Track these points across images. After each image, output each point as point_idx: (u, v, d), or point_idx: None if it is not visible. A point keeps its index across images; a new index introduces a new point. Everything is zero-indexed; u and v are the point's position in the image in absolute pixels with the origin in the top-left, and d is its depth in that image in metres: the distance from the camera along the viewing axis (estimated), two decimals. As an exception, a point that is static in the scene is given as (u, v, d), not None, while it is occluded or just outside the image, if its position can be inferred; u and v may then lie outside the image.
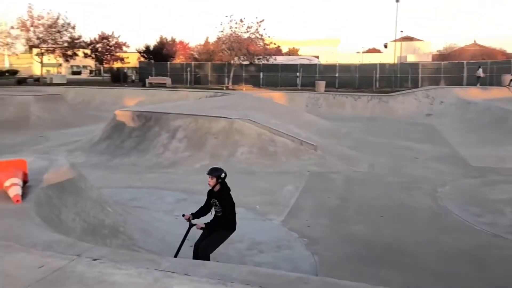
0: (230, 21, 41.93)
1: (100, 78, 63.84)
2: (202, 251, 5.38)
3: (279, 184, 10.55)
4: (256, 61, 42.75)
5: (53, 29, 46.98)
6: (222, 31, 42.89)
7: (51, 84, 44.49)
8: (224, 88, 37.74)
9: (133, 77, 58.25)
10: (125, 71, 56.76)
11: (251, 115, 14.48)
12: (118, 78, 49.61)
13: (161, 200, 8.95)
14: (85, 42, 53.22)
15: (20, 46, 50.37)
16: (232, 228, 5.62)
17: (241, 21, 41.80)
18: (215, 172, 5.58)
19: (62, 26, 47.57)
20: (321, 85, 33.83)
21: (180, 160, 12.40)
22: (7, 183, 4.82)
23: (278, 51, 57.20)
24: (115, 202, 6.99)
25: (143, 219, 6.89)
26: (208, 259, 5.33)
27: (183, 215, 5.63)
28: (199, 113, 14.49)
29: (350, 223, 8.21)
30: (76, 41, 49.99)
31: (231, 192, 5.57)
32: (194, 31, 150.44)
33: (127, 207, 7.23)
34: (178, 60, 62.66)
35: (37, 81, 49.44)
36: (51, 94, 25.38)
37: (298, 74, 40.51)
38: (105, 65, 59.72)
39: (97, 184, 7.41)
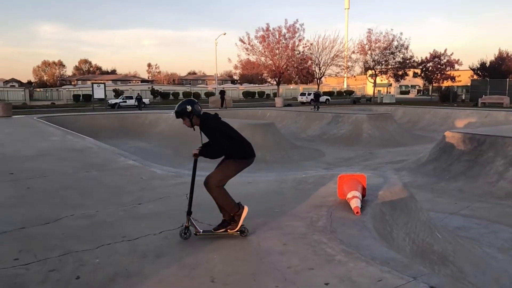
0: None
1: (428, 97, 63.48)
2: (206, 183, 4.42)
3: None
4: None
5: (388, 51, 50.08)
6: None
7: (381, 103, 47.49)
8: None
9: (463, 96, 55.15)
10: (454, 90, 54.43)
11: None
12: (447, 97, 48.04)
13: (494, 235, 8.00)
14: (416, 62, 54.25)
15: (357, 69, 56.12)
16: (239, 156, 4.45)
17: None
18: (179, 112, 4.42)
19: (396, 47, 50.08)
20: None
21: (519, 192, 10.77)
22: (349, 195, 5.40)
23: None
24: (443, 228, 6.74)
25: (474, 253, 6.34)
26: (215, 192, 4.37)
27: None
28: (547, 139, 12.20)
29: None
30: (407, 61, 51.68)
31: None
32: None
33: (456, 236, 6.82)
34: (522, 76, 55.11)
35: (369, 100, 53.84)
36: (381, 113, 26.97)
37: None
38: (433, 84, 59.01)
39: (423, 206, 7.33)
